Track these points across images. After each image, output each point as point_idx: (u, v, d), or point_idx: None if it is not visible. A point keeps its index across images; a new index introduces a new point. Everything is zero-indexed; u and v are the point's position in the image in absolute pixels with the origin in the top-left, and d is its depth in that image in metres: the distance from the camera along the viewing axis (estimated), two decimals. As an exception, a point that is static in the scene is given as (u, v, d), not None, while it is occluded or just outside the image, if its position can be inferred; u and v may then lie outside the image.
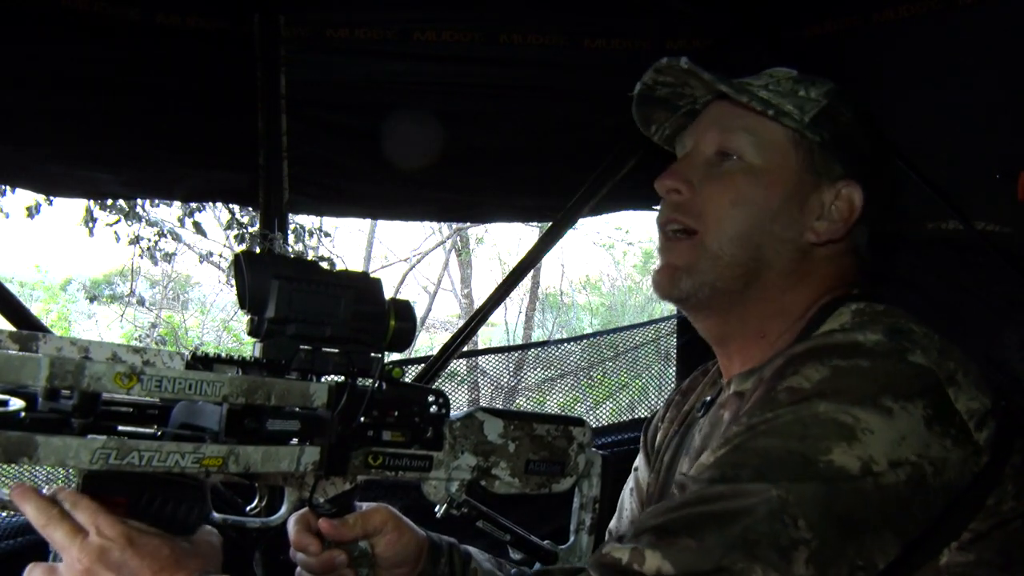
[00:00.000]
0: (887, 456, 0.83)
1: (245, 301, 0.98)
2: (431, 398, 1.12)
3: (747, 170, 1.08)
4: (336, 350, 1.01)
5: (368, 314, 1.02)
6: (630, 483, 1.39)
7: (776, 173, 1.08)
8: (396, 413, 1.07)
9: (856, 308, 1.02)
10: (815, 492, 0.81)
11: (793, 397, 0.87)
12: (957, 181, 2.43)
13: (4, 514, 1.98)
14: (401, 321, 1.05)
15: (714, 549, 0.80)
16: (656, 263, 1.14)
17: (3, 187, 5.85)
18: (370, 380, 1.04)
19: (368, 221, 10.63)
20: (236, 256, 0.99)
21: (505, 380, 4.62)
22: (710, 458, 0.90)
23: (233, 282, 1.03)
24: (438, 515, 1.15)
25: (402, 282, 10.69)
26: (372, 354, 1.04)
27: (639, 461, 1.40)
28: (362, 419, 1.03)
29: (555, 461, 1.21)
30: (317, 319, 0.98)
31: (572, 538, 1.25)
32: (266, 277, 0.96)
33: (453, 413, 1.14)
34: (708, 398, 1.23)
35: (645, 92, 1.18)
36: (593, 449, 1.24)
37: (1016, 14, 2.13)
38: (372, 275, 1.07)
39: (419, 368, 2.87)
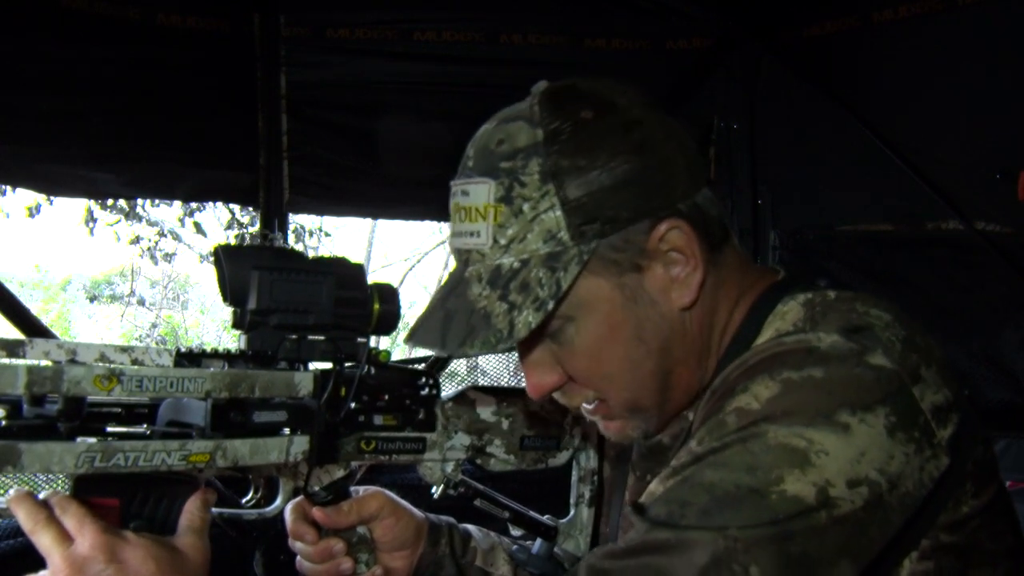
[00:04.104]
0: (845, 476, 0.78)
1: (227, 294, 0.97)
2: (421, 380, 1.11)
3: (581, 332, 0.93)
4: (322, 337, 1.01)
5: (351, 299, 1.02)
6: None
7: (603, 311, 0.92)
8: (386, 397, 1.07)
9: (806, 299, 0.92)
10: (767, 536, 0.76)
11: (741, 421, 0.81)
12: (957, 181, 2.43)
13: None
14: (385, 304, 1.04)
15: None
16: (597, 423, 1.04)
17: (3, 187, 5.86)
18: (364, 367, 1.03)
19: (368, 221, 10.64)
20: (215, 249, 0.98)
21: (505, 380, 4.62)
22: (659, 488, 0.85)
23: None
24: (435, 496, 1.15)
25: (402, 282, 10.69)
26: (359, 339, 1.04)
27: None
28: (352, 404, 1.03)
29: (550, 436, 1.20)
30: (300, 307, 0.98)
31: (572, 511, 1.25)
32: (246, 269, 0.96)
33: (444, 393, 1.14)
34: None
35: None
36: (588, 420, 1.24)
37: (1015, 14, 2.14)
38: (352, 260, 1.05)
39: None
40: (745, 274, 1.00)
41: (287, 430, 0.96)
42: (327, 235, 8.61)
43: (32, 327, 2.20)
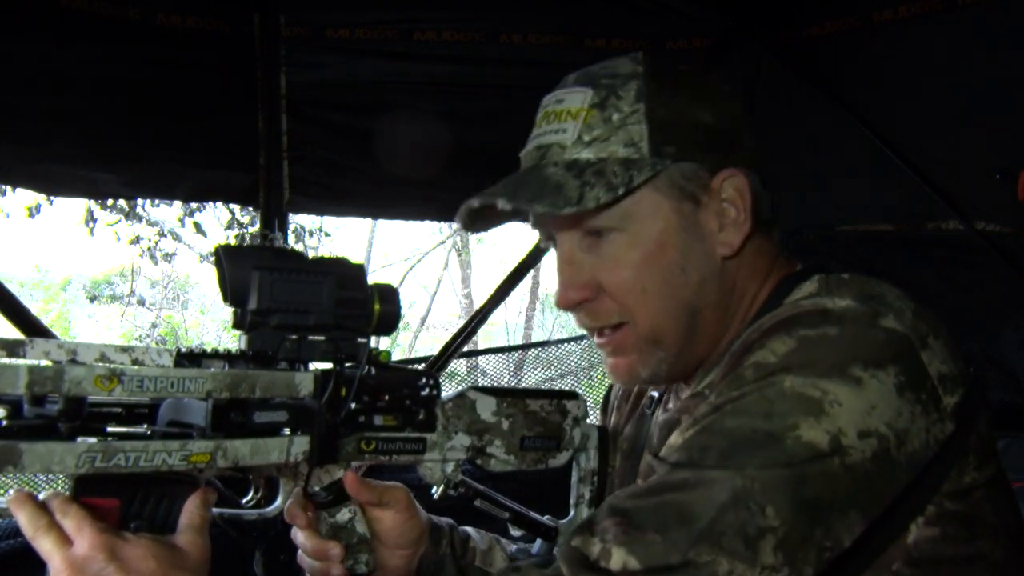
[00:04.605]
0: (856, 427, 0.82)
1: (227, 294, 0.97)
2: (422, 380, 1.11)
3: (630, 242, 0.99)
4: (322, 338, 1.01)
5: (352, 300, 1.01)
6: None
7: (657, 227, 0.98)
8: (387, 397, 1.07)
9: (820, 277, 0.98)
10: (782, 478, 0.80)
11: (759, 373, 0.86)
12: (957, 181, 2.43)
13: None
14: (386, 304, 1.03)
15: (680, 543, 0.79)
16: (606, 359, 1.07)
17: (3, 187, 5.86)
18: (364, 367, 1.03)
19: (368, 221, 10.65)
20: (216, 249, 0.98)
21: (505, 380, 4.63)
22: (679, 439, 0.89)
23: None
24: (435, 496, 1.15)
25: (402, 282, 10.70)
26: (359, 339, 1.04)
27: None
28: (352, 405, 1.02)
29: (550, 436, 1.20)
30: (300, 308, 0.97)
31: (572, 512, 1.25)
32: (246, 269, 0.95)
33: (445, 394, 1.14)
34: (655, 393, 1.22)
35: (467, 224, 1.11)
36: (588, 421, 1.24)
37: (1015, 14, 2.14)
38: (353, 260, 1.05)
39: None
40: (777, 257, 1.07)
41: (288, 430, 0.96)
42: (327, 235, 8.61)
43: (32, 327, 2.20)
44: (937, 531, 0.89)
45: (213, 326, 11.35)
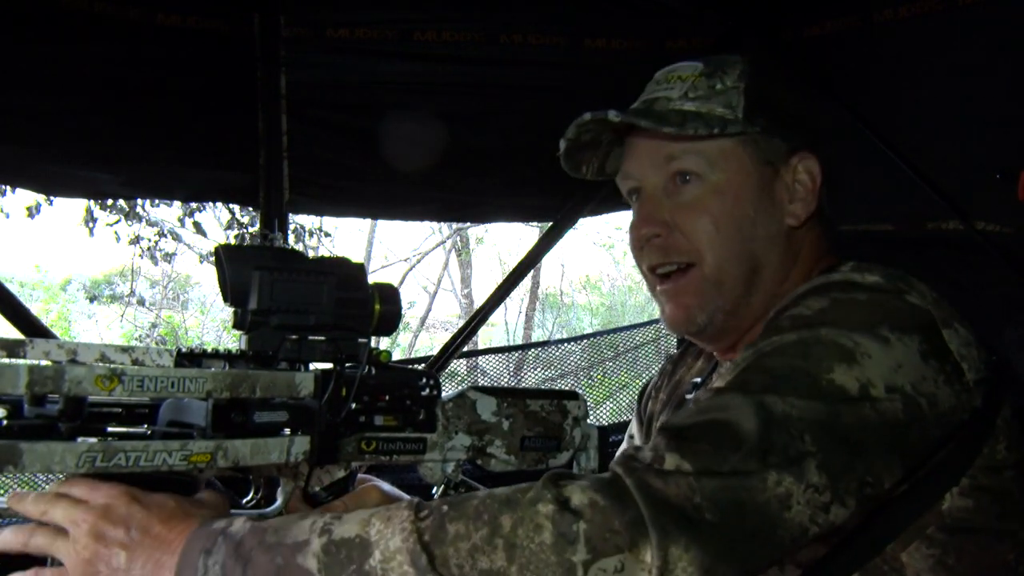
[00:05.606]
0: (884, 380, 0.86)
1: (227, 294, 0.97)
2: (422, 380, 1.11)
3: (712, 189, 1.10)
4: (323, 338, 1.01)
5: (352, 300, 1.01)
6: (622, 449, 1.40)
7: (737, 180, 1.10)
8: (387, 397, 1.06)
9: (853, 263, 1.05)
10: (818, 412, 0.84)
11: (796, 323, 0.92)
12: (957, 181, 2.43)
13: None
14: (386, 304, 1.04)
15: (729, 455, 0.82)
16: (665, 304, 1.15)
17: (3, 187, 5.86)
18: (365, 367, 1.03)
19: (368, 221, 10.65)
20: (216, 249, 0.98)
21: (505, 380, 4.63)
22: (721, 382, 0.93)
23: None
24: (435, 497, 1.15)
25: (402, 282, 10.69)
26: (360, 340, 1.04)
27: (633, 428, 1.43)
28: (353, 405, 1.02)
29: (551, 436, 1.20)
30: (301, 308, 0.97)
31: None
32: (247, 269, 0.95)
33: (445, 394, 1.14)
34: (698, 379, 1.24)
35: (570, 146, 1.18)
36: (588, 422, 1.24)
37: (1016, 14, 2.13)
38: (353, 260, 1.05)
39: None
40: (829, 251, 1.16)
41: (288, 430, 0.96)
42: (327, 235, 8.60)
43: (32, 327, 2.20)
44: (971, 502, 0.93)
45: (213, 326, 11.35)
